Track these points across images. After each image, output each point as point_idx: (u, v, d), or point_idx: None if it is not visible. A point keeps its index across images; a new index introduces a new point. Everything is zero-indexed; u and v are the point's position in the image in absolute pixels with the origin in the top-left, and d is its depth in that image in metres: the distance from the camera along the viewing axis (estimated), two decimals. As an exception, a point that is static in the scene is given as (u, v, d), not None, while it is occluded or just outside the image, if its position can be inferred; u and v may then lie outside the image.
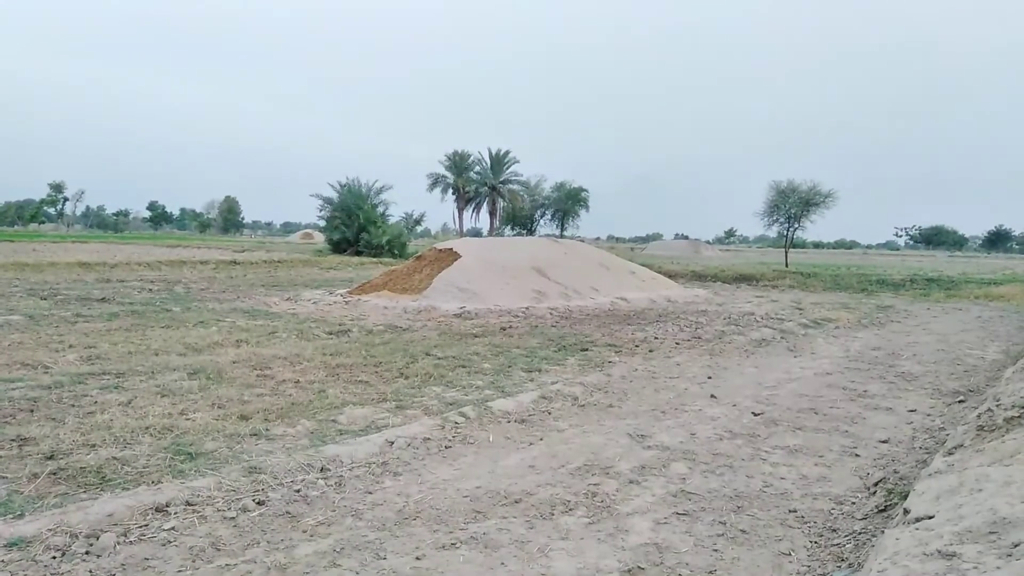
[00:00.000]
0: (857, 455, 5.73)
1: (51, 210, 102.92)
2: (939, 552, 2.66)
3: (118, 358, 8.32)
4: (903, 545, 2.88)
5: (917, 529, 3.04)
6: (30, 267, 22.32)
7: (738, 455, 5.64)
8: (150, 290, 17.13)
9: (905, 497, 3.91)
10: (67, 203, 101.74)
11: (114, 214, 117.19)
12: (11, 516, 3.87)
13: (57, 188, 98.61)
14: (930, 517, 3.14)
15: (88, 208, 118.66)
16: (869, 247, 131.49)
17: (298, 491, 4.51)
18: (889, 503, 4.34)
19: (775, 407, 7.33)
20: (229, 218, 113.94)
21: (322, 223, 48.99)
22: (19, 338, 9.37)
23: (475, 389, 7.54)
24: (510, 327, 12.55)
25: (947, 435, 5.92)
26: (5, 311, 12.03)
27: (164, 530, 3.86)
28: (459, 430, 6.04)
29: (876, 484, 4.82)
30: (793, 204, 35.34)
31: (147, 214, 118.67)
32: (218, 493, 4.32)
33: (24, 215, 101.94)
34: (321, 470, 4.86)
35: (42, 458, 4.81)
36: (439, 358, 9.12)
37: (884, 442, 6.12)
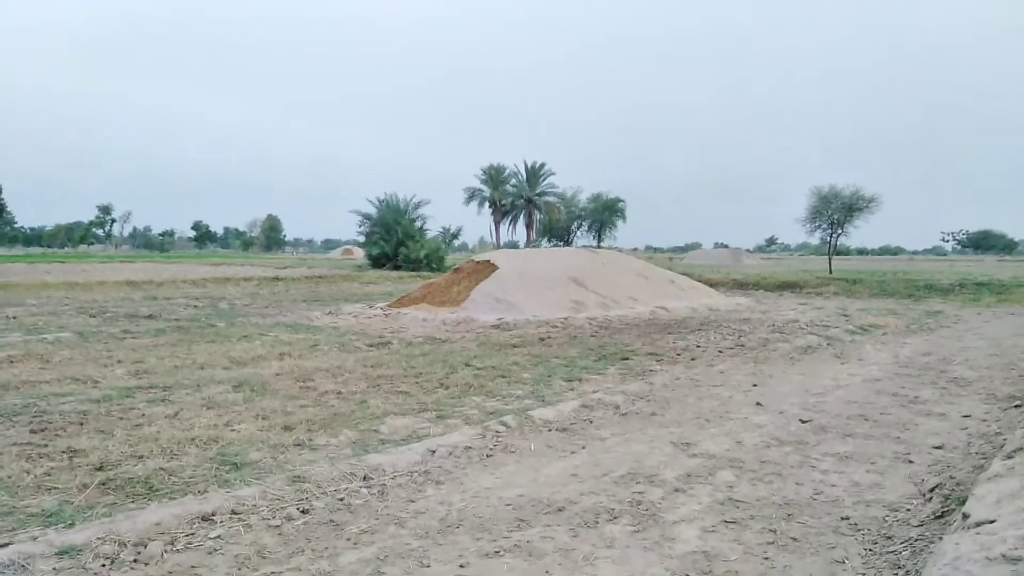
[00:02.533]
0: (911, 461, 5.55)
1: (99, 231, 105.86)
2: (1003, 556, 2.54)
3: (165, 372, 8.47)
4: (964, 550, 2.77)
5: (978, 534, 2.92)
6: (79, 286, 22.93)
7: (786, 462, 5.51)
8: (195, 307, 17.45)
9: (963, 502, 3.77)
10: (115, 224, 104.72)
11: (160, 234, 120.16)
12: (62, 525, 3.94)
13: (105, 210, 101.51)
14: (991, 521, 3.02)
15: (135, 229, 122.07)
16: (915, 253, 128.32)
17: (341, 500, 4.52)
18: (946, 509, 4.18)
19: (823, 414, 7.16)
20: (271, 236, 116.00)
21: (362, 239, 49.55)
22: (69, 354, 9.60)
23: (515, 398, 7.50)
24: (549, 337, 12.50)
25: (1004, 440, 5.71)
26: (56, 328, 12.36)
27: (210, 538, 3.89)
28: (500, 439, 6.01)
29: (932, 490, 4.66)
30: (836, 210, 34.61)
31: (192, 234, 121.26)
32: (263, 502, 4.35)
33: (74, 237, 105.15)
34: (364, 479, 4.86)
35: (91, 469, 4.89)
36: (478, 368, 9.11)
37: (938, 448, 5.92)
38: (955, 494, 4.42)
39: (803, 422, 6.80)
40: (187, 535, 3.92)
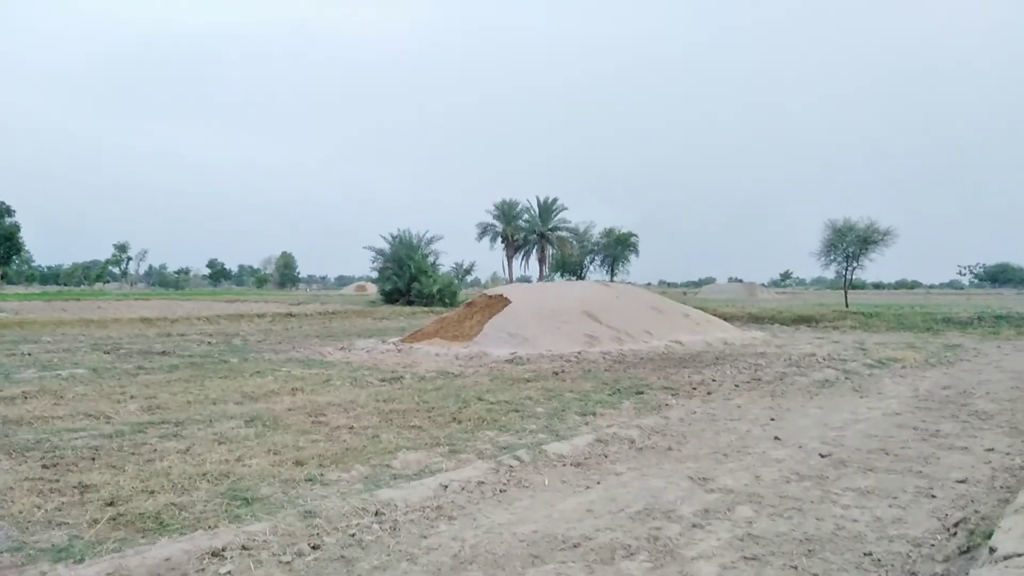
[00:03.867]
0: (933, 496, 5.42)
1: (116, 269, 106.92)
2: (1037, 593, 2.45)
3: (177, 408, 8.46)
4: (994, 586, 2.67)
5: (1007, 567, 2.83)
6: (95, 323, 23.11)
7: (807, 497, 5.39)
8: (209, 343, 17.51)
9: (989, 536, 3.66)
10: (131, 262, 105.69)
11: (175, 272, 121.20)
12: (72, 561, 3.89)
13: (121, 248, 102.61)
14: (1020, 555, 2.92)
15: (151, 267, 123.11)
16: (932, 286, 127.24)
17: (353, 535, 4.45)
18: (972, 544, 4.06)
19: (843, 448, 7.03)
20: (285, 273, 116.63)
21: (375, 275, 49.78)
22: (83, 390, 9.62)
23: (529, 433, 7.42)
24: (562, 371, 12.41)
25: (1031, 474, 5.58)
26: (71, 365, 12.41)
27: (220, 574, 3.83)
28: (514, 474, 5.93)
29: (956, 525, 4.54)
30: (851, 243, 34.49)
31: (207, 271, 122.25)
32: (274, 538, 4.29)
33: (90, 275, 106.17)
34: (375, 514, 4.79)
35: (102, 504, 4.86)
36: (491, 403, 9.04)
37: (961, 482, 5.79)
38: (980, 528, 4.31)
39: (822, 456, 6.68)
40: (197, 571, 3.86)
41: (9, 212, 58.27)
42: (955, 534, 4.41)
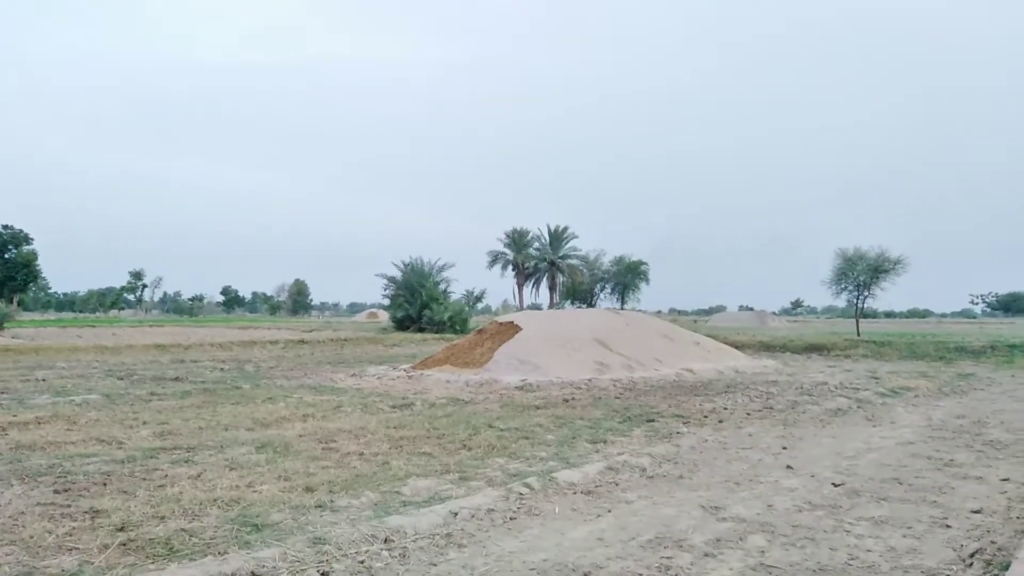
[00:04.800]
0: (948, 526, 5.36)
1: (131, 296, 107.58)
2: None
3: (189, 433, 8.49)
4: (1010, 617, 2.64)
5: (1024, 600, 2.79)
6: (109, 350, 23.26)
7: (820, 527, 5.34)
8: (221, 369, 17.58)
9: (1006, 568, 3.62)
10: (145, 290, 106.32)
11: (190, 299, 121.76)
12: (82, 586, 3.90)
13: (137, 276, 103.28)
14: (1038, 587, 2.89)
15: (165, 294, 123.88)
16: (944, 315, 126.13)
17: (362, 562, 4.44)
18: (988, 574, 4.01)
19: (856, 477, 6.96)
20: (298, 300, 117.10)
21: (387, 302, 49.88)
22: (96, 416, 9.67)
23: (539, 460, 7.39)
24: (573, 399, 12.38)
25: (1048, 505, 5.51)
26: (84, 391, 12.49)
27: (229, 600, 3.83)
28: (524, 501, 5.90)
29: (972, 555, 4.48)
30: (862, 271, 34.37)
31: (221, 298, 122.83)
32: (283, 564, 4.28)
33: (105, 302, 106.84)
34: (385, 541, 4.78)
35: (113, 529, 4.87)
36: (502, 430, 9.02)
37: (977, 512, 5.72)
38: (997, 559, 4.25)
39: (835, 485, 6.61)
40: (206, 597, 3.86)
41: (27, 240, 58.90)
42: (971, 564, 4.35)
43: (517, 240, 65.40)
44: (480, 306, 73.90)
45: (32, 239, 59.49)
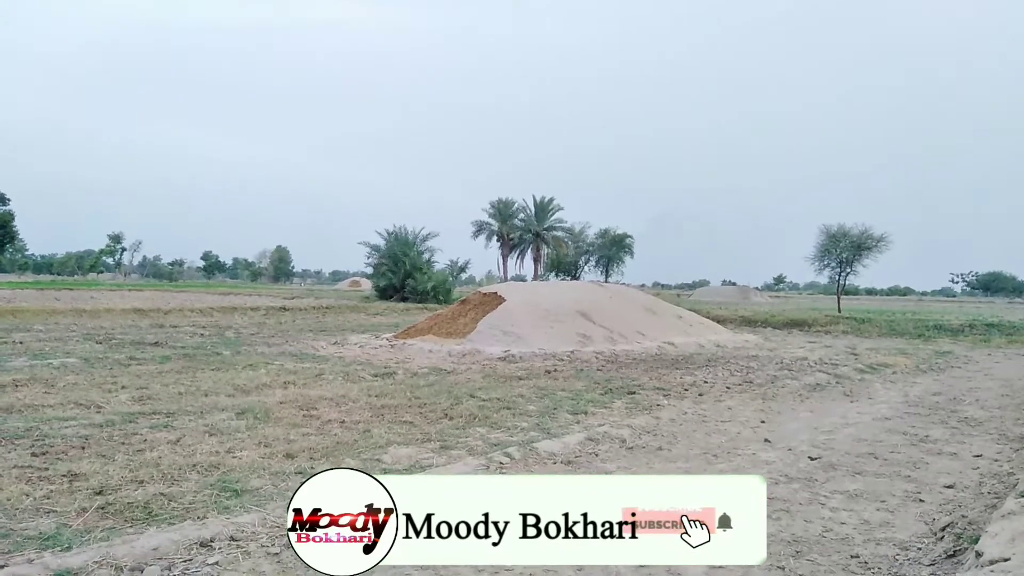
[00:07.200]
0: (921, 500, 5.46)
1: (110, 260, 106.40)
2: (1020, 596, 2.47)
3: (168, 399, 8.44)
4: (979, 590, 2.69)
5: (992, 572, 2.85)
6: (87, 313, 23.03)
7: (795, 499, 5.42)
8: (202, 335, 17.46)
9: (976, 541, 3.69)
10: (125, 253, 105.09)
11: (169, 264, 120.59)
12: (59, 549, 3.89)
13: (116, 239, 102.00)
14: (1006, 560, 2.94)
15: (145, 258, 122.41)
16: (924, 294, 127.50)
17: (342, 529, 4.44)
18: (958, 548, 4.09)
19: (832, 452, 7.06)
20: (280, 267, 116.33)
21: (369, 270, 49.71)
22: (74, 379, 9.59)
23: (520, 430, 7.43)
24: (555, 370, 12.43)
25: (1017, 479, 5.61)
26: (62, 354, 12.37)
27: (208, 564, 3.83)
28: (504, 470, 5.94)
29: (943, 529, 4.56)
30: (844, 248, 34.64)
31: (201, 263, 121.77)
32: (262, 529, 4.29)
33: (84, 265, 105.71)
34: (365, 508, 4.78)
35: (91, 493, 4.85)
36: (483, 400, 9.04)
37: (949, 487, 5.82)
38: (967, 533, 4.33)
39: (812, 459, 6.70)
40: (185, 560, 3.86)
41: (3, 200, 57.92)
42: (942, 538, 4.44)
43: (502, 211, 65.24)
44: (464, 276, 73.80)
45: (8, 199, 58.56)
